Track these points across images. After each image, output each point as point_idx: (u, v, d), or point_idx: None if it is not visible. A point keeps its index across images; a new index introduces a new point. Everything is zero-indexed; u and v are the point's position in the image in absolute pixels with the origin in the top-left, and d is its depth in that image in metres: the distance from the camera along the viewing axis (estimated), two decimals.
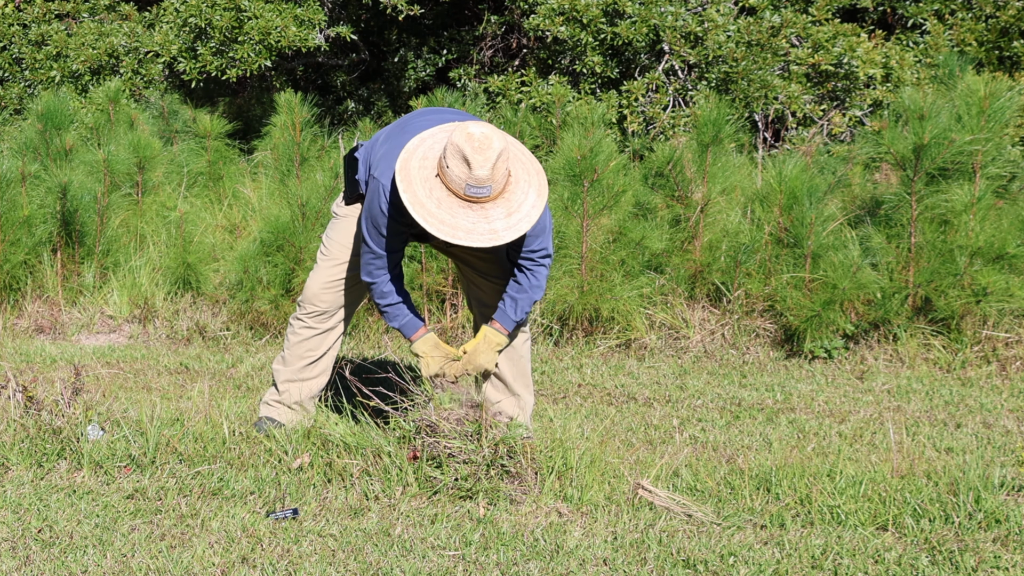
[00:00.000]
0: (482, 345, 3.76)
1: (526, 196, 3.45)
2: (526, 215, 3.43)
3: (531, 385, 4.11)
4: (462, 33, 10.80)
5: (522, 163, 3.52)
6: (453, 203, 3.40)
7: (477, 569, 3.09)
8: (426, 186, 3.43)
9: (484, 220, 3.40)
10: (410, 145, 3.55)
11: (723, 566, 3.08)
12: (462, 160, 3.34)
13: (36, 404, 3.92)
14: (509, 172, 3.45)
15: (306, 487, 3.61)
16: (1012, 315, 5.76)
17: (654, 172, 6.59)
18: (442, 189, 3.42)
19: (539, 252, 3.71)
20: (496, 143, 3.35)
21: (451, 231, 3.39)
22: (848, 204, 6.82)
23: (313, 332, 4.11)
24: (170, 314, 6.59)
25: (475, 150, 3.33)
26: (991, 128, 5.96)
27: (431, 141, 3.53)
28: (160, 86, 10.25)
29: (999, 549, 3.15)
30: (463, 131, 3.37)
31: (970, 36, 8.95)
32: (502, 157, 3.37)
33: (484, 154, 3.33)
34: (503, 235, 3.40)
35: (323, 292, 4.05)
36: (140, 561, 3.10)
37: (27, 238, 6.71)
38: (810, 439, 4.47)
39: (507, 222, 3.41)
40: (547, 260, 3.73)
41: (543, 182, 3.51)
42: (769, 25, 8.77)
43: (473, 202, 3.39)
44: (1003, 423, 4.76)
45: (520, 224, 3.42)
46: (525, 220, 3.43)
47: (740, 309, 6.09)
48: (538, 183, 3.50)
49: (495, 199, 3.41)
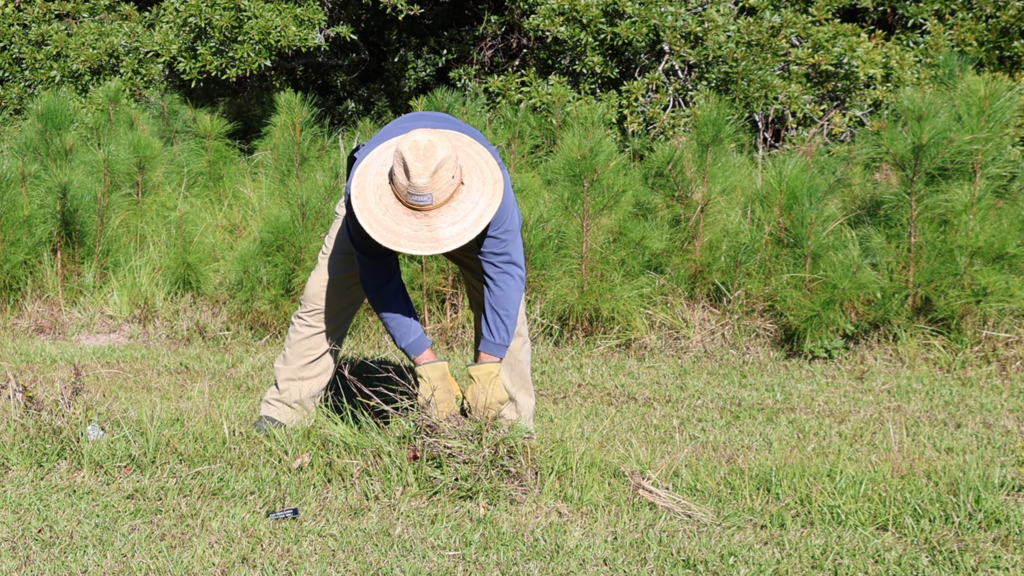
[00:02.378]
0: (477, 387, 3.66)
1: (475, 205, 3.40)
2: (472, 224, 3.38)
3: (531, 387, 4.12)
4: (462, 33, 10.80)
5: (480, 171, 3.46)
6: (399, 210, 3.38)
7: (477, 569, 3.09)
8: (377, 192, 3.41)
9: (427, 228, 3.37)
10: (375, 151, 3.54)
11: (723, 566, 3.08)
12: (403, 167, 3.32)
13: (36, 404, 3.92)
14: (462, 181, 3.40)
15: (306, 487, 3.61)
16: (1012, 315, 5.76)
17: (654, 172, 6.59)
18: (391, 196, 3.41)
19: (501, 257, 3.63)
20: (440, 152, 3.30)
21: (393, 237, 3.36)
22: (848, 204, 6.82)
23: (314, 331, 4.12)
24: (170, 314, 6.59)
25: (416, 157, 3.30)
26: (991, 128, 5.96)
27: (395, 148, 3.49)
28: (160, 86, 10.25)
29: (999, 549, 3.15)
30: (410, 139, 3.33)
31: (970, 36, 8.95)
32: (445, 165, 3.31)
33: (424, 162, 3.29)
34: (447, 243, 3.36)
35: (324, 291, 4.06)
36: (140, 561, 3.10)
37: (27, 238, 6.71)
38: (810, 439, 4.47)
39: (452, 230, 3.36)
40: (511, 268, 3.65)
41: (498, 191, 3.43)
42: (769, 25, 8.77)
43: (416, 209, 3.37)
44: (1003, 423, 4.76)
45: (466, 233, 3.37)
46: (471, 229, 3.37)
47: (740, 309, 6.09)
48: (491, 192, 3.43)
49: (439, 207, 3.37)
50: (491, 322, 3.67)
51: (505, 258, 3.63)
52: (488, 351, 3.69)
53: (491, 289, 3.66)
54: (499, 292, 3.65)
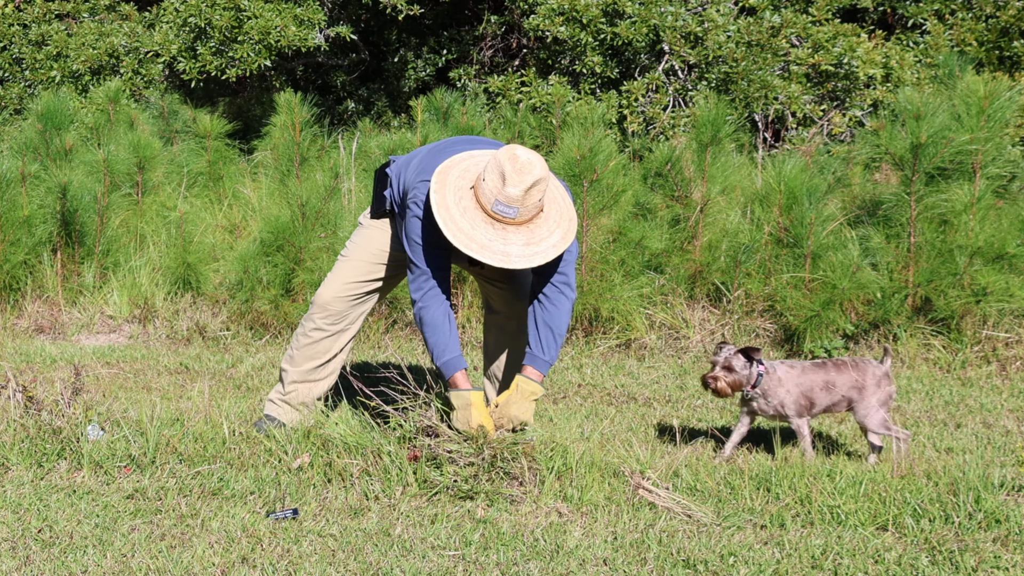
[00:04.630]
0: (515, 396, 3.65)
1: (550, 234, 3.45)
2: (543, 251, 3.42)
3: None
4: (462, 33, 10.80)
5: (558, 206, 3.52)
6: (477, 216, 3.41)
7: (477, 569, 3.09)
8: (457, 195, 3.44)
9: (501, 241, 3.39)
10: (456, 158, 3.57)
11: (723, 566, 3.08)
12: (499, 175, 3.36)
13: (36, 404, 3.92)
14: (542, 208, 3.44)
15: (306, 487, 3.61)
16: (1012, 315, 5.76)
17: (653, 172, 6.60)
18: (472, 201, 3.43)
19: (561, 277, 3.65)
20: (538, 171, 3.36)
21: (467, 241, 3.39)
22: (848, 204, 6.82)
23: (324, 334, 4.11)
24: (170, 314, 6.59)
25: (515, 170, 3.34)
26: (991, 128, 5.96)
27: (479, 158, 3.56)
28: (160, 86, 10.25)
29: (999, 549, 3.15)
30: (511, 150, 3.38)
31: (970, 36, 8.95)
32: (538, 186, 3.36)
33: (522, 176, 3.34)
34: (515, 261, 3.39)
35: (338, 297, 4.05)
36: (140, 561, 3.10)
37: (27, 238, 6.71)
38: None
39: (523, 250, 3.40)
40: (568, 290, 3.67)
41: (572, 229, 3.49)
42: (769, 25, 8.78)
43: (497, 220, 3.39)
44: (1003, 423, 4.76)
45: (535, 257, 3.41)
46: (541, 255, 3.41)
47: (740, 309, 6.09)
48: (566, 227, 3.48)
49: (519, 225, 3.41)
50: (543, 338, 3.66)
51: (564, 279, 3.66)
52: (536, 366, 3.68)
53: (545, 307, 3.67)
54: (554, 310, 3.66)
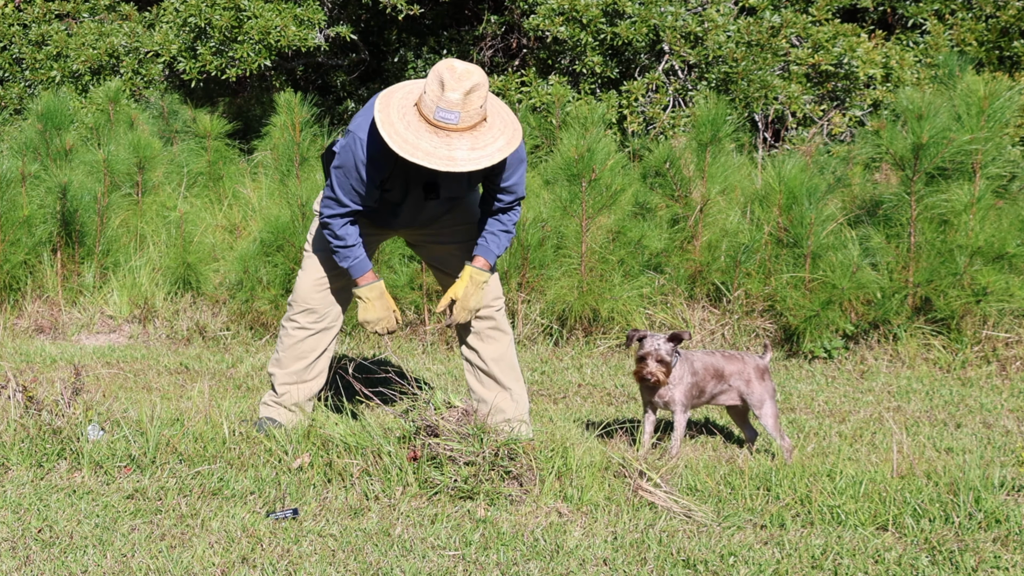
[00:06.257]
0: (470, 287, 3.92)
1: (495, 140, 3.57)
2: (489, 155, 3.54)
3: (520, 377, 4.19)
4: (462, 33, 10.80)
5: (500, 116, 3.64)
6: (421, 127, 3.53)
7: (477, 569, 3.09)
8: (401, 111, 3.57)
9: (445, 147, 3.51)
10: (398, 85, 3.72)
11: (723, 566, 3.08)
12: (439, 83, 3.47)
13: (36, 404, 3.92)
14: (484, 117, 3.56)
15: (306, 487, 3.61)
16: (1012, 315, 5.76)
17: (653, 172, 6.60)
18: (415, 114, 3.55)
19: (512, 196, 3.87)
20: (476, 76, 3.48)
21: (411, 149, 3.50)
22: (848, 204, 6.82)
23: (307, 333, 4.11)
24: (170, 314, 6.59)
25: (453, 77, 3.47)
26: (991, 128, 5.96)
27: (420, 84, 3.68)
28: (160, 86, 10.25)
29: (999, 549, 3.15)
30: (448, 61, 3.53)
31: (970, 36, 8.95)
32: (478, 91, 3.48)
33: (461, 81, 3.46)
34: (461, 164, 3.51)
35: (313, 291, 4.07)
36: (140, 561, 3.10)
37: (27, 238, 6.71)
38: (810, 439, 4.47)
39: (469, 154, 3.52)
40: (518, 206, 3.95)
41: (516, 136, 3.62)
42: (769, 25, 8.77)
43: (441, 128, 3.50)
44: (1003, 423, 4.76)
45: (481, 160, 3.52)
46: (487, 158, 3.53)
47: (740, 309, 6.09)
48: (511, 133, 3.60)
49: (462, 132, 3.52)
50: (498, 234, 3.93)
51: (515, 197, 3.89)
52: (486, 257, 3.93)
53: (499, 217, 3.93)
54: (509, 217, 3.94)
